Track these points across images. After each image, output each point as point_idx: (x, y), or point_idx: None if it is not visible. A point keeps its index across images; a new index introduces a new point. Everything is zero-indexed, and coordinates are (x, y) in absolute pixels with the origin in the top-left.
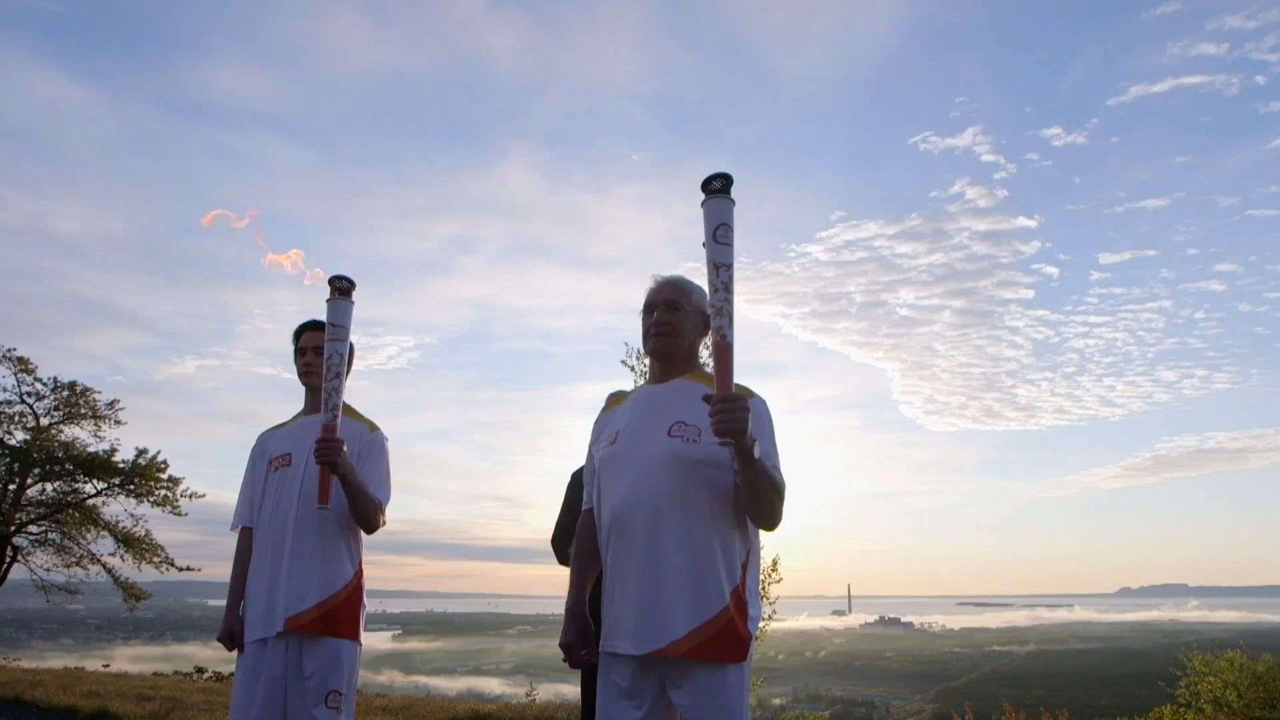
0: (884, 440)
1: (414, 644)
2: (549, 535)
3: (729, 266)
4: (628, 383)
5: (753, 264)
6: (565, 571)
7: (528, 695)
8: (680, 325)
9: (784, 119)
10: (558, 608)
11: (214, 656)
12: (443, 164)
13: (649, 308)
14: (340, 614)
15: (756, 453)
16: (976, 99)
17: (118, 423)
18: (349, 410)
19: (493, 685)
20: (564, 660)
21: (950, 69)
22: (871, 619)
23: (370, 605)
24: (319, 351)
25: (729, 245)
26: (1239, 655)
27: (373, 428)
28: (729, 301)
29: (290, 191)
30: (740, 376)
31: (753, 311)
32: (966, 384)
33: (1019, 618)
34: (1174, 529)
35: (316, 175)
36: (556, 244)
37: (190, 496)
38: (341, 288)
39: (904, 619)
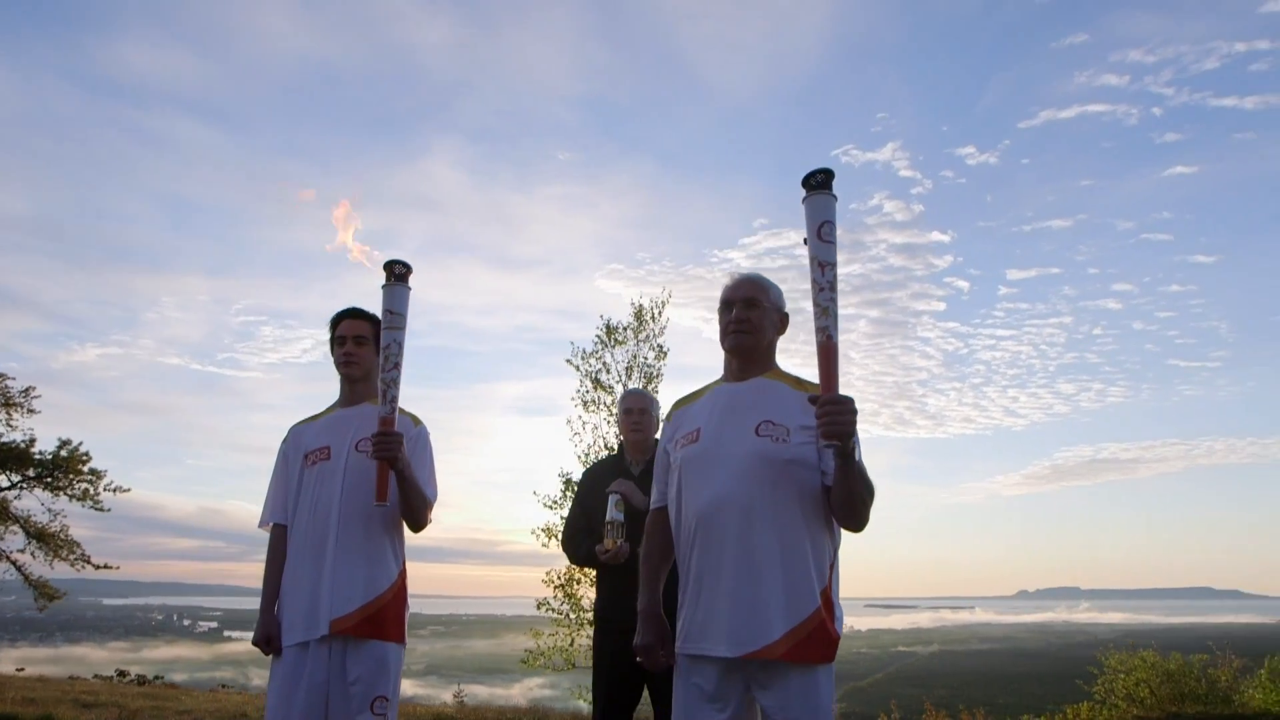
0: None
1: None
2: (467, 534)
3: (834, 265)
4: (553, 383)
5: (675, 268)
6: (479, 572)
7: (455, 698)
8: (760, 322)
9: (711, 126)
10: (472, 608)
11: (110, 659)
12: (366, 156)
13: (727, 304)
14: (386, 615)
15: (857, 455)
16: (897, 116)
17: (31, 411)
18: None
19: (404, 688)
20: (639, 662)
21: (873, 86)
22: None
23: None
24: (359, 341)
25: (833, 243)
26: (1151, 654)
27: (416, 421)
28: (834, 301)
29: (206, 177)
30: (664, 379)
31: (675, 315)
32: (879, 392)
33: (923, 619)
34: (1069, 535)
35: (234, 161)
36: (480, 241)
37: (115, 491)
38: (399, 273)
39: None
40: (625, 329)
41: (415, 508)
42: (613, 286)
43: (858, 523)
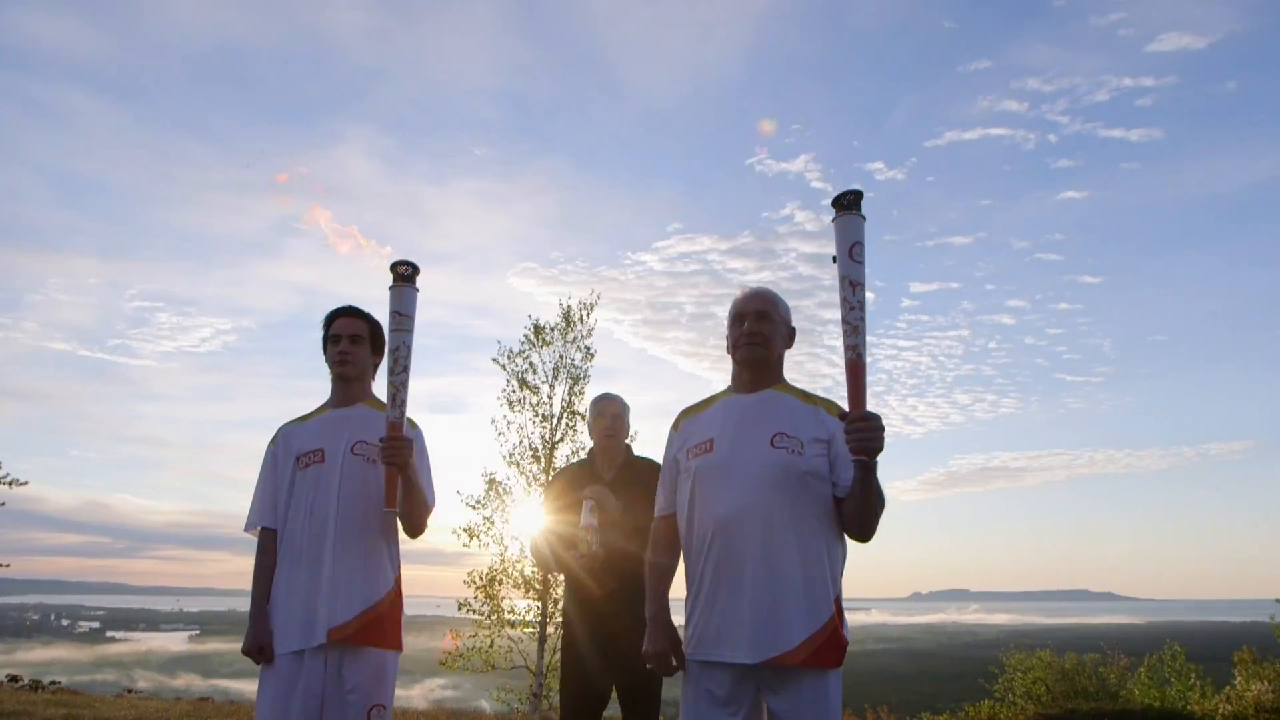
0: None
1: (214, 645)
2: None
3: (864, 285)
4: (464, 380)
5: (589, 269)
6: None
7: None
8: (771, 335)
9: (629, 129)
10: None
11: None
12: (275, 140)
13: (739, 317)
14: (385, 622)
15: (876, 470)
16: (810, 128)
17: None
18: (382, 405)
19: None
20: (650, 668)
21: (788, 98)
22: None
23: (166, 603)
24: (355, 340)
25: (863, 263)
26: (1048, 653)
27: (413, 424)
28: (863, 320)
29: (102, 153)
30: (590, 381)
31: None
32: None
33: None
34: (961, 539)
35: (134, 139)
36: (392, 233)
37: (10, 484)
38: (405, 274)
39: None
40: (553, 330)
41: (418, 513)
42: (526, 285)
43: (868, 533)
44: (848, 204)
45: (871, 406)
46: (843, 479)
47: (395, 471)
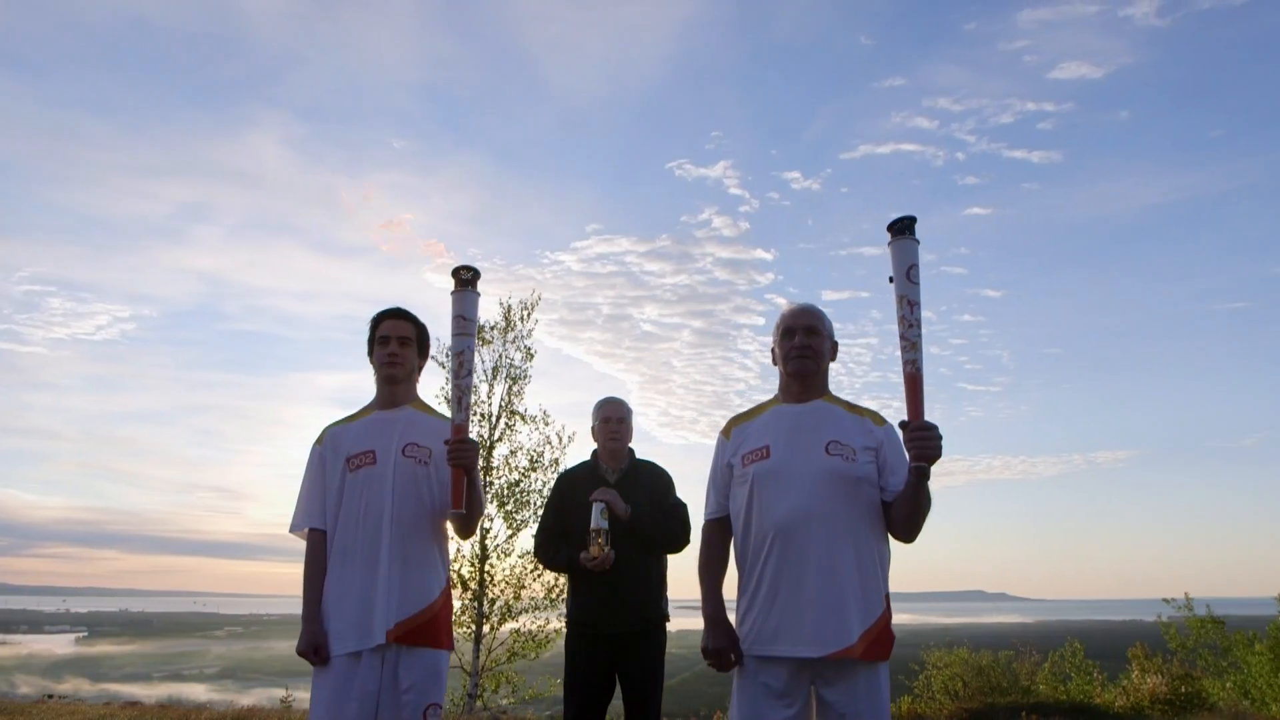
0: None
1: (103, 647)
2: (271, 530)
3: (919, 304)
4: (370, 375)
5: (506, 266)
6: (284, 570)
7: (283, 701)
8: (820, 348)
9: (550, 127)
10: (275, 607)
11: None
12: (182, 122)
13: (790, 331)
14: (439, 622)
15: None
16: (730, 135)
17: None
18: (427, 407)
19: (196, 691)
20: (710, 665)
21: (709, 105)
22: None
23: (51, 604)
24: (404, 342)
25: (918, 284)
26: (965, 651)
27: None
28: (920, 336)
29: None
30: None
31: (498, 314)
32: (699, 400)
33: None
34: None
35: (30, 114)
36: (304, 224)
37: None
38: (466, 278)
39: None
40: (493, 329)
41: (475, 515)
42: (441, 280)
43: (915, 534)
44: (902, 229)
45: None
46: (891, 484)
47: (462, 473)
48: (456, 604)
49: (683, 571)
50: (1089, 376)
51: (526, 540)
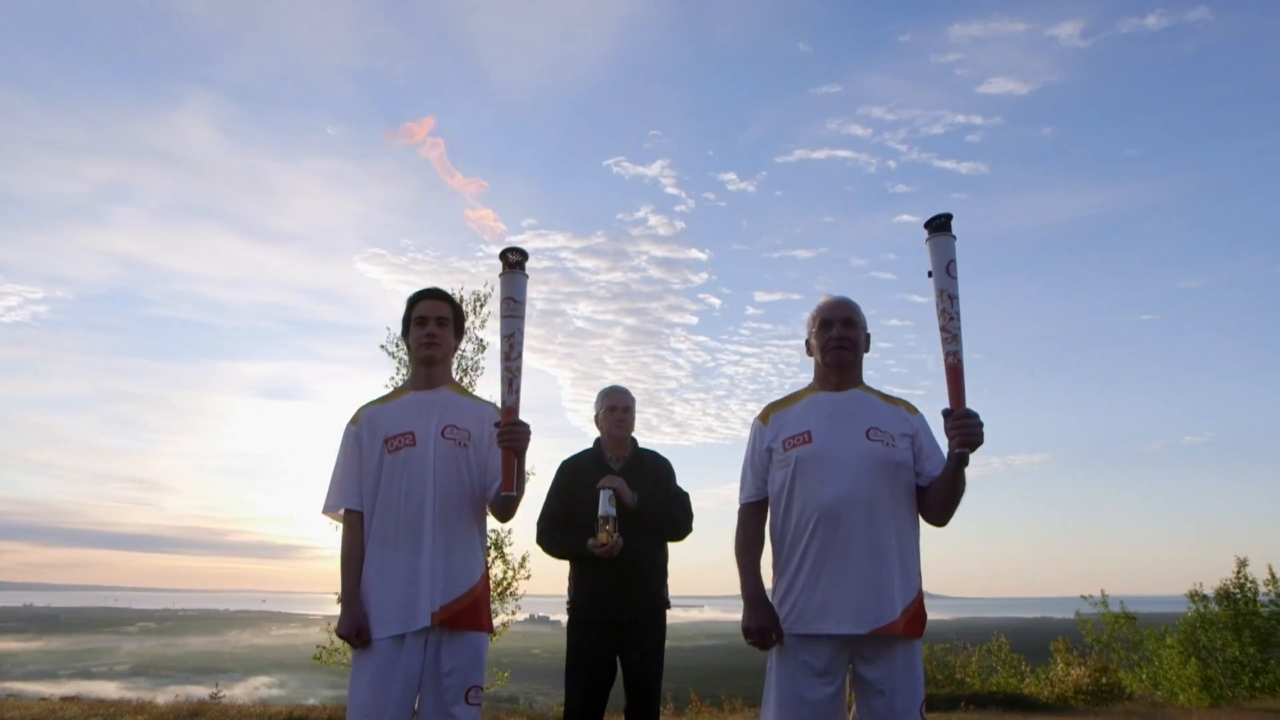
0: (552, 445)
1: (6, 644)
2: (189, 522)
3: (958, 298)
4: (303, 365)
5: (440, 259)
6: (202, 564)
7: (213, 697)
8: (857, 340)
9: (489, 120)
10: (190, 602)
11: None
12: (104, 98)
13: (828, 323)
14: (481, 605)
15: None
16: (668, 135)
17: None
18: (463, 389)
19: (106, 689)
20: (752, 644)
21: (649, 104)
22: (523, 617)
23: None
24: (442, 322)
25: (957, 278)
26: None
27: (498, 410)
28: (960, 329)
29: None
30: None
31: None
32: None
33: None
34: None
35: None
36: (232, 208)
37: None
38: (514, 261)
39: (552, 618)
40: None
41: (519, 498)
42: (373, 271)
43: (949, 519)
44: (939, 225)
45: (714, 411)
46: (927, 469)
47: (512, 455)
48: None
49: (676, 566)
50: (1008, 382)
51: None
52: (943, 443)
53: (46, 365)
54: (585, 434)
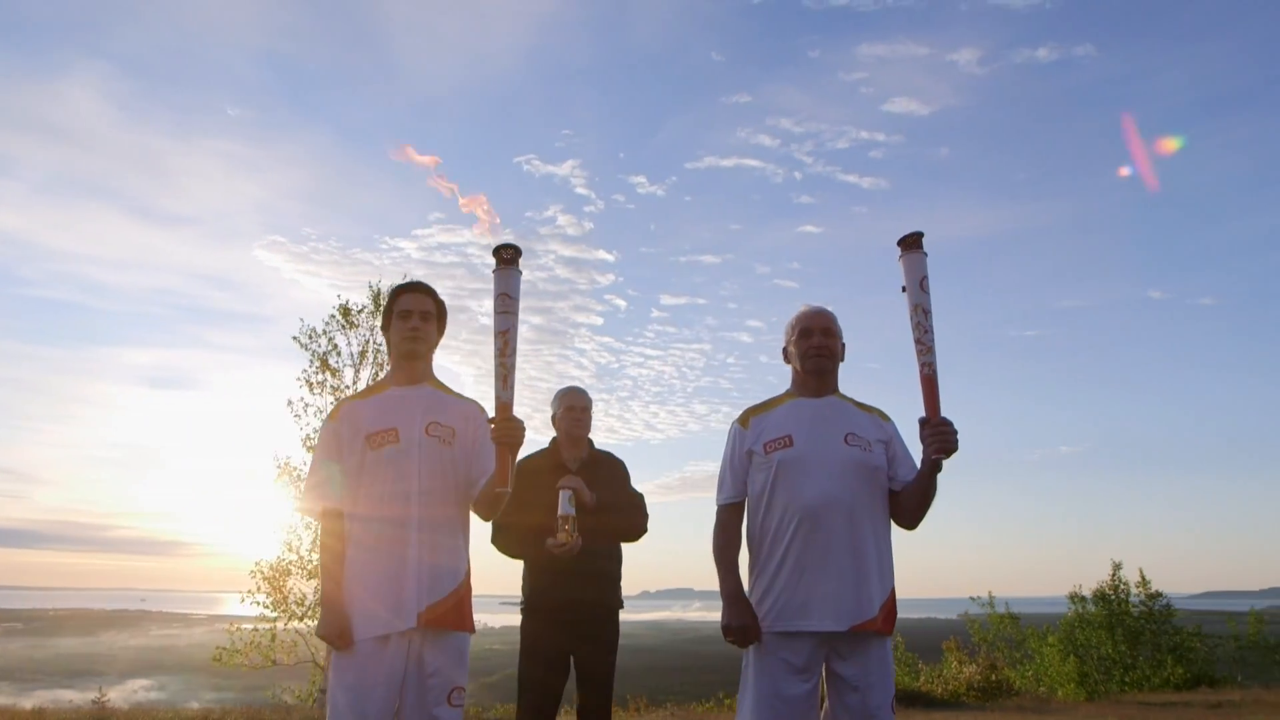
0: None
1: None
2: (63, 516)
3: (931, 312)
4: (194, 354)
5: (342, 250)
6: (76, 560)
7: (96, 701)
8: (835, 349)
9: (399, 110)
10: (62, 601)
11: None
12: None
13: (808, 331)
14: (465, 605)
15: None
16: (580, 135)
17: None
18: (444, 385)
19: None
20: (731, 642)
21: (562, 103)
22: None
23: None
24: (426, 317)
25: (929, 293)
26: None
27: (481, 408)
28: (933, 340)
29: None
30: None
31: (332, 297)
32: (534, 396)
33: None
34: (688, 541)
35: None
36: (122, 187)
37: None
38: (507, 257)
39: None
40: (360, 312)
41: (503, 496)
42: (273, 259)
43: (919, 522)
44: (911, 243)
45: (616, 412)
46: (900, 474)
47: (506, 452)
48: (310, 594)
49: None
50: (899, 392)
51: None
52: (914, 449)
53: None
54: None
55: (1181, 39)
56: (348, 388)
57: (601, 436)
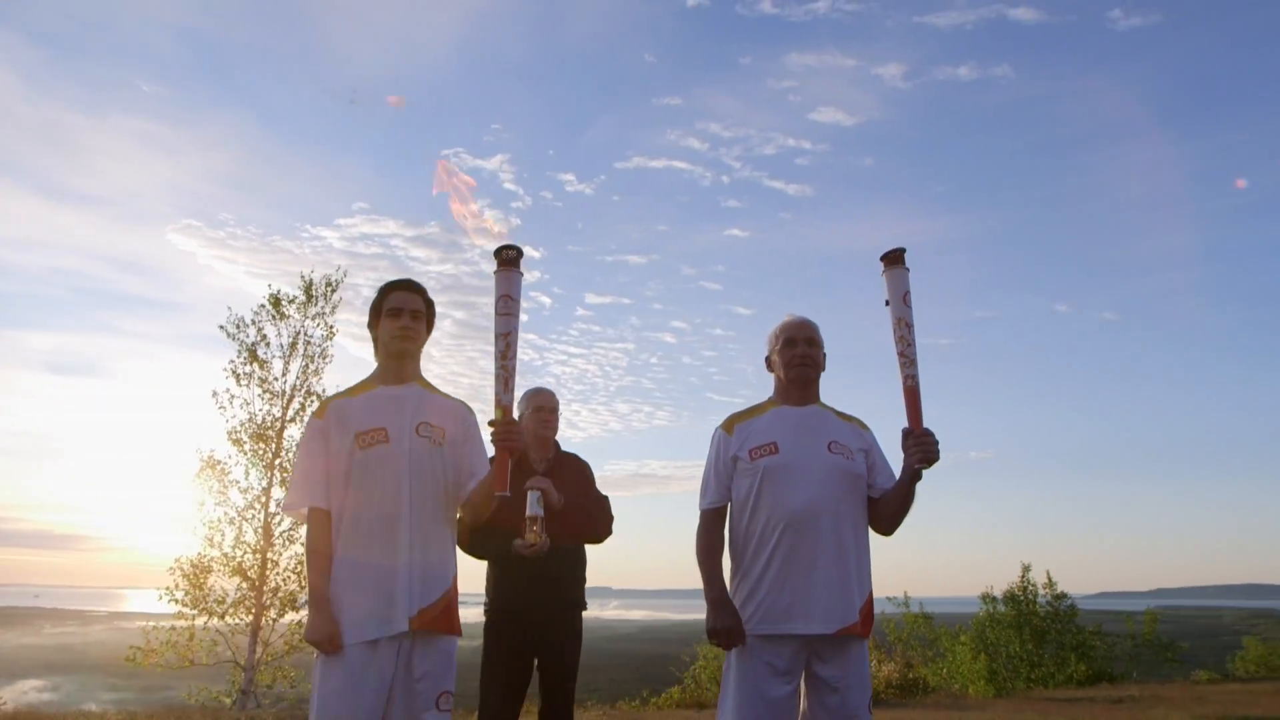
0: None
1: None
2: None
3: (913, 325)
4: (99, 340)
5: (262, 237)
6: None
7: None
8: (818, 358)
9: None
10: None
11: None
12: None
13: (792, 341)
14: (453, 608)
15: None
16: (509, 130)
17: None
18: (432, 385)
19: None
20: (716, 644)
21: (493, 97)
22: None
23: None
24: (416, 315)
25: (911, 307)
26: None
27: (469, 409)
28: (916, 354)
29: None
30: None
31: (250, 285)
32: (455, 392)
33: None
34: (608, 540)
35: None
36: (27, 162)
37: None
38: (510, 258)
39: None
40: (291, 303)
41: (500, 500)
42: (187, 244)
43: (896, 528)
44: (894, 259)
45: None
46: (879, 482)
47: (506, 455)
48: (232, 592)
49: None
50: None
51: None
52: (892, 458)
53: None
54: None
55: (1092, 66)
56: (276, 379)
57: None
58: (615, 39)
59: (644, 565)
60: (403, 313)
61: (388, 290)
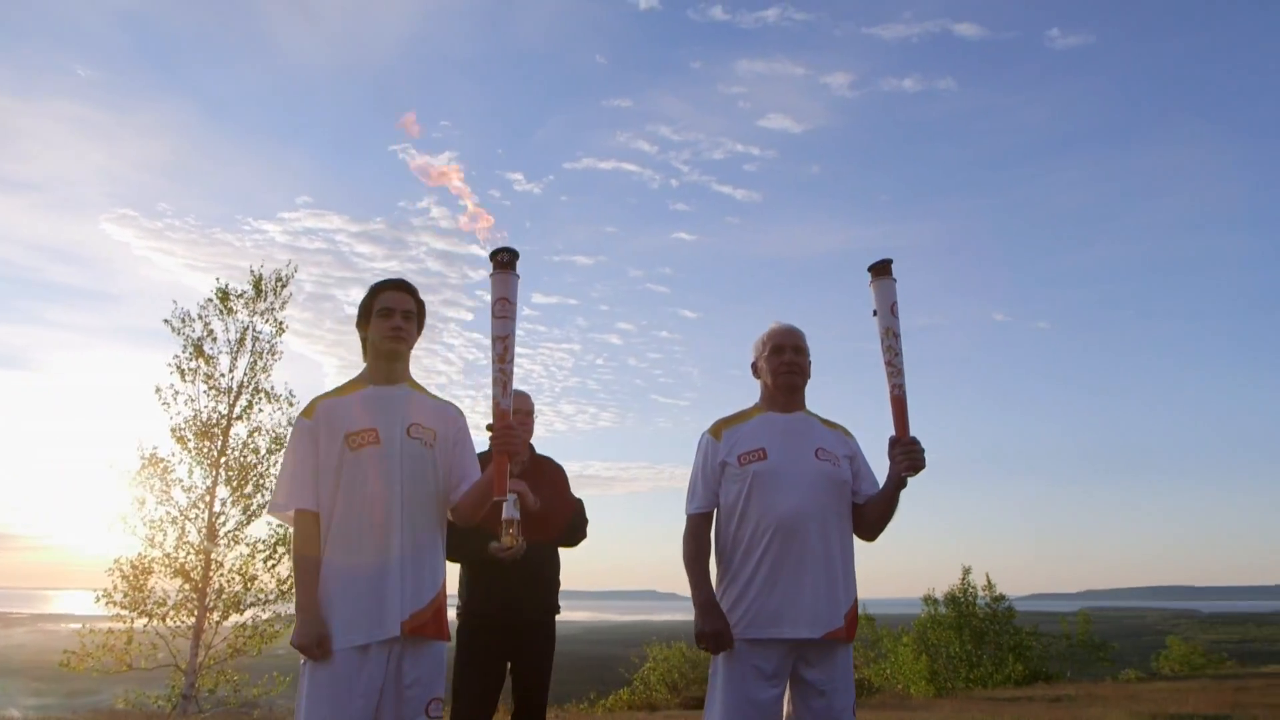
0: None
1: None
2: None
3: (900, 335)
4: (29, 331)
5: (201, 229)
6: None
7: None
8: (805, 366)
9: (270, 87)
10: None
11: None
12: None
13: (780, 348)
14: (442, 613)
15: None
16: (459, 127)
17: None
18: (421, 387)
19: None
20: (705, 648)
21: (442, 93)
22: None
23: None
24: (408, 316)
25: (898, 317)
26: (684, 645)
27: (458, 410)
28: (903, 363)
29: None
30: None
31: (189, 278)
32: None
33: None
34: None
35: None
36: None
37: None
38: (505, 261)
39: None
40: (240, 297)
41: (497, 504)
42: (122, 234)
43: (879, 534)
44: (882, 269)
45: (484, 410)
46: (863, 489)
47: (505, 459)
48: (173, 594)
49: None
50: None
51: (260, 528)
52: (877, 466)
53: None
54: None
55: (1032, 82)
56: (223, 376)
57: (470, 434)
58: (566, 39)
59: (589, 567)
60: (394, 313)
61: (378, 290)
